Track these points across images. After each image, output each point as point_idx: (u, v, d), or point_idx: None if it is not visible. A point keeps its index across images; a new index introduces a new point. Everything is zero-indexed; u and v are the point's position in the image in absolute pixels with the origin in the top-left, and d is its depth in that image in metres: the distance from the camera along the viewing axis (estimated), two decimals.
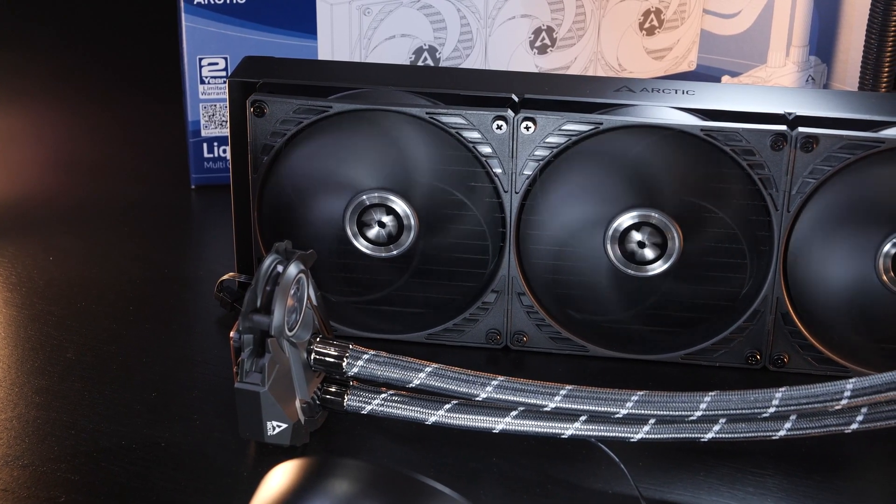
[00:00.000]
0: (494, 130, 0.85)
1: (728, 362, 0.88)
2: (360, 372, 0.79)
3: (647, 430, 0.77)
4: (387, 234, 0.88)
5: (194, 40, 1.06)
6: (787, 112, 0.85)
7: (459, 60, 1.09)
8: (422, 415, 0.79)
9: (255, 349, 0.76)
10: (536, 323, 0.89)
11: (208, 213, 1.08)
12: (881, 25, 1.06)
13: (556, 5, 1.10)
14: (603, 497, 0.77)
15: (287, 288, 0.76)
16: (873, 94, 0.96)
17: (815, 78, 1.16)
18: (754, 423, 0.76)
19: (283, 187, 0.89)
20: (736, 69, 1.16)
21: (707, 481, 0.78)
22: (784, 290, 0.86)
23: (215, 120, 1.09)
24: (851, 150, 0.83)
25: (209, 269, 0.98)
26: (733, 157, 0.84)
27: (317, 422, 0.80)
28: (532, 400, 0.77)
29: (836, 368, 0.87)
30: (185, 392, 0.85)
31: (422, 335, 0.90)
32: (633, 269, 0.87)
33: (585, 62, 1.12)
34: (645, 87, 0.88)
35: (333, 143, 0.88)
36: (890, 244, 0.84)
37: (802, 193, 0.84)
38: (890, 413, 0.76)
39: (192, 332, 0.93)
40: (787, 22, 1.14)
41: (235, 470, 0.78)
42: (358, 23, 1.07)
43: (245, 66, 0.91)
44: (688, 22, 1.14)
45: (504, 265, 0.88)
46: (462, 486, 0.77)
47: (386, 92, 0.88)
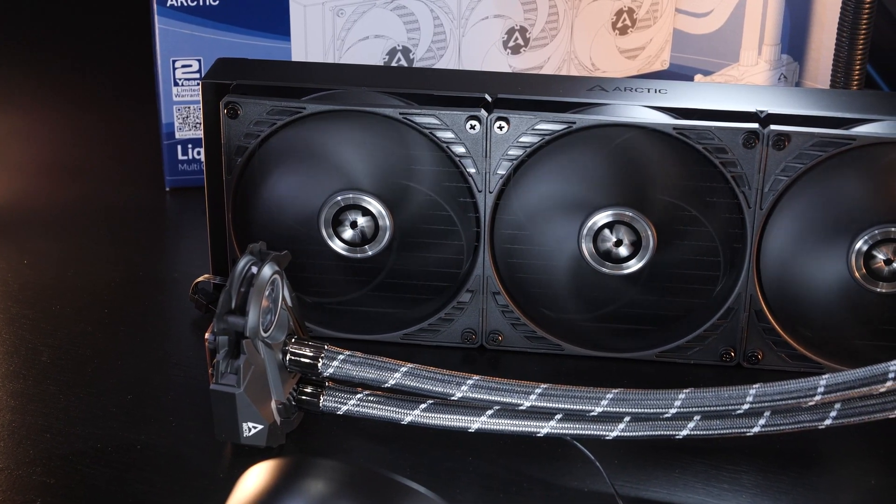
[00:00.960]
0: (468, 130, 0.85)
1: (702, 360, 0.89)
2: (335, 372, 0.79)
3: (622, 427, 0.77)
4: (361, 235, 0.88)
5: (167, 42, 1.06)
6: (759, 110, 0.85)
7: (433, 61, 1.10)
8: (397, 415, 0.79)
9: (230, 351, 0.76)
10: (511, 322, 0.89)
11: (183, 215, 1.08)
12: (852, 23, 1.06)
13: (529, 5, 1.10)
14: (579, 495, 0.77)
15: (262, 289, 0.76)
16: (845, 92, 0.96)
17: (788, 76, 1.16)
18: (729, 420, 0.77)
19: (257, 188, 0.89)
20: (709, 68, 1.16)
21: (682, 478, 0.79)
22: (757, 288, 0.87)
23: (189, 122, 1.08)
24: (823, 147, 0.83)
25: (184, 271, 0.98)
26: (706, 156, 0.84)
27: (293, 423, 0.80)
28: (507, 399, 0.77)
29: (810, 365, 0.87)
30: (161, 394, 0.85)
31: (397, 335, 0.90)
32: (607, 267, 0.87)
33: (559, 62, 1.12)
34: (618, 86, 0.89)
35: (308, 145, 0.88)
36: (862, 241, 0.85)
37: (775, 191, 0.84)
38: (863, 409, 0.76)
39: (168, 334, 0.93)
40: (759, 20, 1.14)
41: (211, 472, 0.78)
42: (331, 24, 1.07)
43: (218, 67, 0.91)
44: (660, 21, 1.14)
45: (479, 265, 0.88)
46: (438, 486, 0.77)
47: (359, 92, 0.88)
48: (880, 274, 0.85)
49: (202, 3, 1.05)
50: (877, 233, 0.84)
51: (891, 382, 0.74)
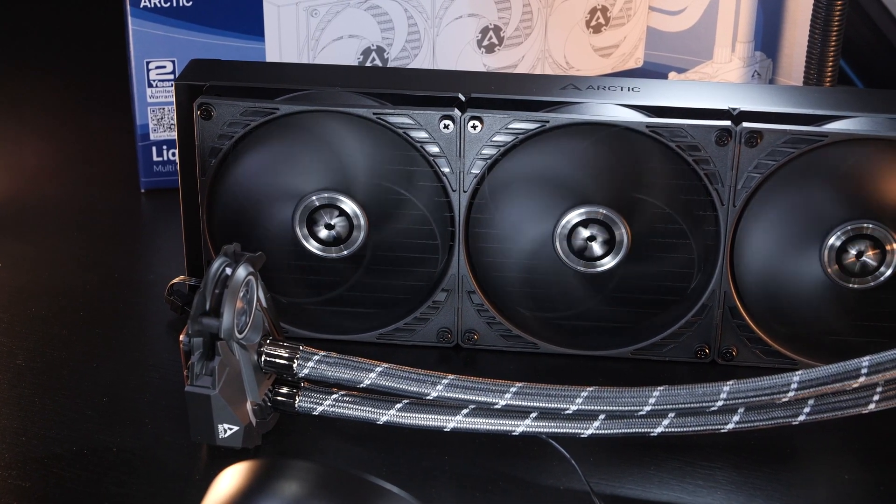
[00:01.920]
0: (442, 130, 0.86)
1: (678, 357, 0.89)
2: (310, 373, 0.79)
3: (597, 425, 0.77)
4: (337, 235, 0.88)
5: (141, 44, 1.06)
6: (732, 107, 0.86)
7: (407, 60, 1.10)
8: (373, 415, 0.79)
9: (204, 352, 0.76)
10: (487, 321, 0.89)
11: (158, 217, 1.08)
12: (825, 20, 1.07)
13: (503, 4, 1.10)
14: (554, 493, 0.77)
15: (236, 290, 0.76)
16: (817, 89, 0.97)
17: (761, 73, 1.17)
18: (703, 417, 0.77)
19: (231, 190, 0.89)
20: (683, 65, 1.16)
21: (657, 475, 0.79)
22: (731, 285, 0.87)
23: (164, 123, 1.08)
24: (795, 144, 0.84)
25: (159, 273, 0.98)
26: (679, 153, 0.85)
27: (268, 424, 0.80)
28: (482, 398, 0.77)
29: (785, 361, 0.88)
30: (137, 396, 0.85)
31: (373, 335, 0.90)
32: (581, 265, 0.87)
33: (533, 60, 1.13)
34: (591, 84, 0.89)
35: (282, 145, 0.88)
36: (834, 237, 0.85)
37: (748, 188, 0.85)
38: (837, 404, 0.77)
39: (143, 336, 0.92)
40: (732, 18, 1.15)
41: (187, 474, 0.78)
42: (305, 24, 1.07)
43: (192, 68, 0.91)
44: (634, 19, 1.15)
45: (454, 264, 0.88)
46: (414, 485, 0.77)
47: (333, 93, 0.88)
48: (853, 270, 0.85)
49: (176, 4, 1.05)
50: (849, 229, 0.85)
51: (863, 378, 0.75)
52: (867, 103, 0.87)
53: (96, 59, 1.34)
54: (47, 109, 1.25)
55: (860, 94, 1.02)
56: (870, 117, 0.85)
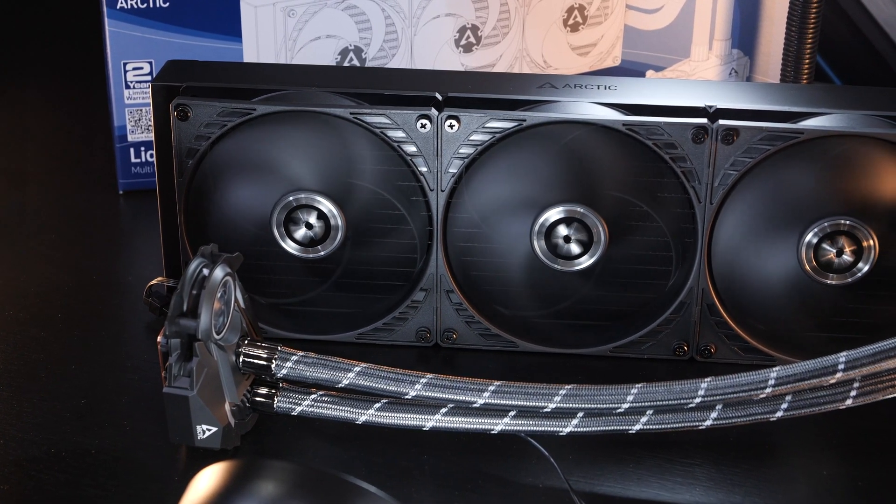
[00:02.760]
0: (419, 129, 0.86)
1: (656, 354, 0.89)
2: (289, 373, 0.79)
3: (575, 423, 0.77)
4: (314, 236, 0.88)
5: (118, 45, 1.05)
6: (708, 105, 0.86)
7: (385, 60, 1.10)
8: (352, 414, 0.79)
9: (182, 353, 0.76)
10: (466, 320, 0.89)
11: (137, 218, 1.08)
12: (801, 17, 1.07)
13: (480, 4, 1.10)
14: (534, 491, 0.77)
15: (213, 291, 0.76)
16: (793, 86, 0.97)
17: (738, 71, 1.17)
18: (681, 414, 0.77)
19: (209, 190, 0.89)
20: (660, 64, 1.16)
21: (636, 472, 0.79)
22: (709, 282, 0.87)
23: (141, 125, 1.08)
24: (771, 141, 0.84)
25: (138, 275, 0.98)
26: (656, 151, 0.85)
27: (247, 424, 0.80)
28: (461, 397, 0.77)
29: (763, 357, 0.88)
30: (115, 398, 0.85)
31: (352, 335, 0.90)
32: (560, 263, 0.88)
33: (511, 60, 1.13)
34: (568, 83, 0.89)
35: (259, 146, 0.88)
36: (812, 234, 0.85)
37: (725, 185, 0.85)
38: (814, 400, 0.77)
39: (122, 337, 0.92)
40: (709, 16, 1.15)
41: (166, 475, 0.78)
42: (283, 24, 1.07)
43: (168, 69, 0.91)
44: (611, 18, 1.15)
45: (432, 263, 0.89)
46: (394, 485, 0.77)
47: (310, 93, 0.88)
48: (830, 266, 0.85)
49: (152, 5, 1.05)
50: (826, 225, 0.85)
51: (840, 374, 0.75)
52: (843, 100, 0.88)
53: (74, 60, 1.33)
54: (24, 111, 1.25)
55: (836, 90, 1.02)
56: (846, 114, 0.86)
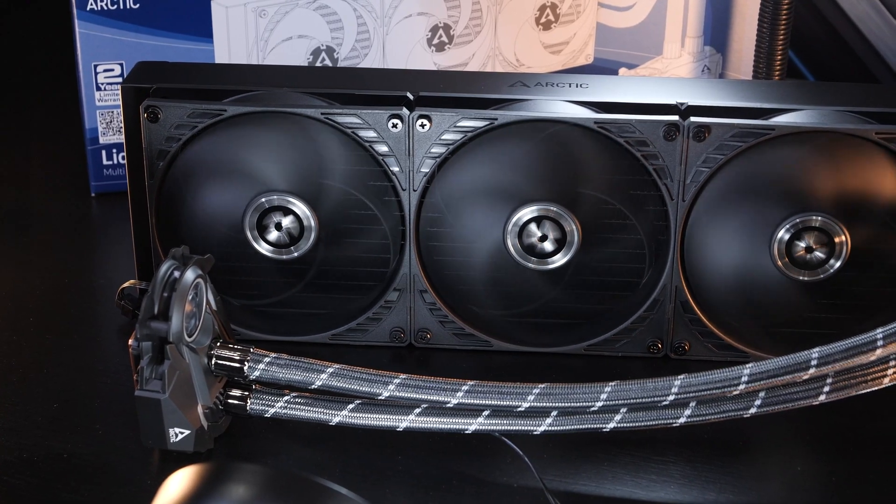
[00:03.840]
0: (390, 129, 0.85)
1: (630, 352, 0.89)
2: (261, 375, 0.79)
3: (549, 422, 0.77)
4: (287, 237, 0.88)
5: (89, 47, 1.05)
6: (680, 102, 0.86)
7: (357, 60, 1.09)
8: (325, 416, 0.79)
9: (154, 356, 0.76)
10: (439, 320, 0.89)
11: (109, 221, 1.07)
12: (773, 14, 1.07)
13: (452, 3, 1.10)
14: (508, 491, 0.77)
15: (184, 293, 0.76)
16: (764, 82, 0.97)
17: (711, 68, 1.17)
18: (655, 412, 0.77)
19: (180, 192, 0.88)
20: (633, 61, 1.17)
21: (611, 471, 0.79)
22: (682, 279, 0.87)
23: (113, 127, 1.08)
24: (743, 138, 0.84)
25: (110, 277, 0.97)
26: (628, 149, 0.85)
27: (220, 427, 0.80)
28: (434, 397, 0.77)
29: (737, 354, 0.88)
30: (87, 402, 0.84)
31: (325, 336, 0.90)
32: (533, 262, 0.87)
33: (483, 58, 1.13)
34: (539, 81, 0.89)
35: (230, 147, 0.87)
36: (784, 230, 0.85)
37: (697, 182, 0.85)
38: (787, 396, 0.77)
39: (94, 341, 0.92)
40: (681, 13, 1.15)
41: (139, 479, 0.78)
42: (254, 25, 1.06)
43: (138, 71, 0.90)
44: (583, 16, 1.15)
45: (405, 263, 0.88)
46: (368, 486, 0.77)
47: (281, 93, 0.87)
48: (802, 262, 0.86)
49: (123, 7, 1.04)
50: (798, 221, 0.85)
51: (813, 370, 0.75)
52: (815, 96, 0.88)
53: (45, 62, 1.33)
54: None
55: (808, 87, 1.02)
56: (817, 110, 0.86)
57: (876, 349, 0.75)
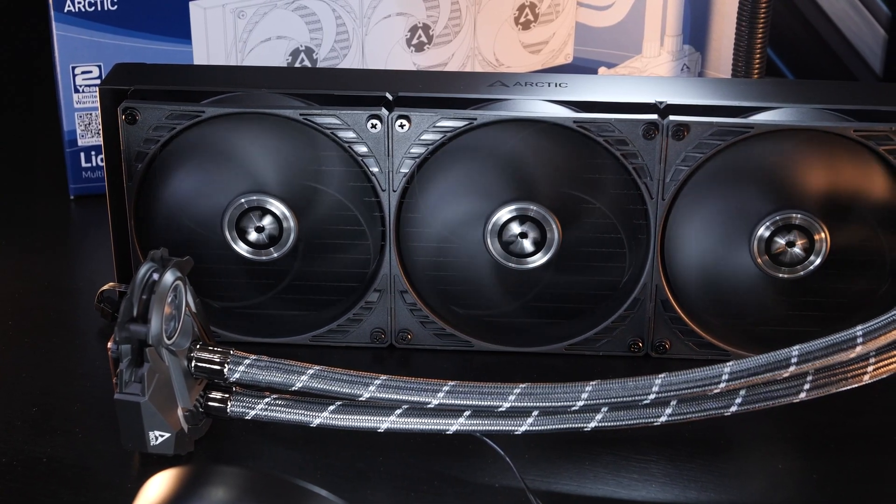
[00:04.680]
0: (369, 129, 0.85)
1: (611, 351, 0.89)
2: (241, 377, 0.78)
3: (530, 422, 0.77)
4: (266, 238, 0.88)
5: (66, 49, 1.04)
6: (659, 101, 0.86)
7: (337, 61, 1.09)
8: (306, 417, 0.79)
9: (133, 359, 0.75)
10: (420, 320, 0.89)
11: (88, 223, 1.07)
12: (751, 12, 1.07)
13: (431, 3, 1.10)
14: (490, 491, 0.77)
15: (163, 296, 0.76)
16: (743, 81, 0.97)
17: (690, 66, 1.17)
18: (636, 411, 0.77)
19: (159, 194, 0.88)
20: (612, 60, 1.17)
21: (592, 470, 0.79)
22: (663, 278, 0.87)
23: (91, 129, 1.07)
24: (722, 136, 0.84)
25: (89, 280, 0.97)
26: (607, 148, 0.85)
27: (201, 429, 0.80)
28: (415, 397, 0.77)
29: (717, 352, 0.88)
30: (67, 405, 0.84)
31: (306, 337, 0.90)
32: (513, 262, 0.87)
33: (463, 58, 1.12)
34: (518, 81, 0.89)
35: (209, 148, 0.87)
36: (763, 227, 0.85)
37: (676, 181, 0.85)
38: (768, 394, 0.77)
39: (73, 344, 0.91)
40: (660, 12, 1.15)
41: (119, 482, 0.77)
42: (233, 26, 1.06)
43: (116, 73, 0.90)
44: (562, 15, 1.15)
45: (385, 264, 0.88)
46: (349, 487, 0.77)
47: (259, 94, 0.87)
48: (782, 260, 0.86)
49: (100, 8, 1.04)
50: (778, 219, 0.85)
51: (794, 367, 0.75)
52: (793, 94, 0.88)
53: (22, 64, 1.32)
54: None
55: (787, 84, 1.02)
56: (796, 108, 0.86)
57: (856, 346, 0.75)
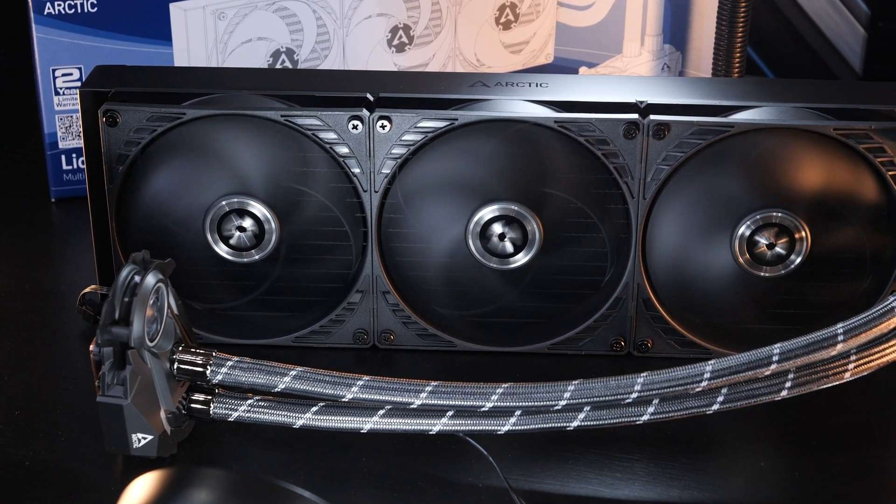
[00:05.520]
0: (350, 130, 0.85)
1: (594, 350, 0.89)
2: (224, 379, 0.78)
3: (513, 421, 0.77)
4: (248, 239, 0.88)
5: (47, 51, 1.04)
6: (640, 101, 0.86)
7: (318, 62, 1.09)
8: (289, 419, 0.79)
9: (115, 362, 0.75)
10: (402, 321, 0.89)
11: (70, 226, 1.07)
12: (731, 11, 1.08)
13: (412, 3, 1.10)
14: (473, 491, 0.77)
15: (145, 298, 0.76)
16: (723, 80, 0.97)
17: (671, 66, 1.18)
18: (618, 409, 0.77)
19: (141, 196, 0.88)
20: (593, 60, 1.17)
21: (575, 469, 0.79)
22: (644, 277, 0.87)
23: (72, 131, 1.07)
24: (702, 135, 0.84)
25: (71, 283, 0.97)
26: (588, 148, 0.85)
27: (184, 431, 0.80)
28: (398, 398, 0.77)
29: (699, 351, 0.88)
30: (50, 408, 0.84)
31: (289, 339, 0.90)
32: (495, 262, 0.88)
33: (444, 59, 1.13)
34: (499, 81, 0.89)
35: (190, 150, 0.87)
36: (744, 226, 0.86)
37: (657, 180, 0.85)
38: (750, 392, 0.77)
39: (56, 347, 0.91)
40: (640, 12, 1.15)
41: (102, 485, 0.77)
42: (213, 27, 1.06)
43: (96, 75, 0.90)
44: (543, 15, 1.15)
45: (368, 265, 0.88)
46: (332, 488, 0.77)
47: (240, 96, 0.87)
48: (763, 258, 0.86)
49: (80, 11, 1.04)
50: (758, 218, 0.85)
51: (775, 365, 0.75)
52: (773, 93, 0.88)
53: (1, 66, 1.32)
54: None
55: (767, 83, 1.03)
56: (775, 106, 0.86)
57: (837, 344, 0.75)
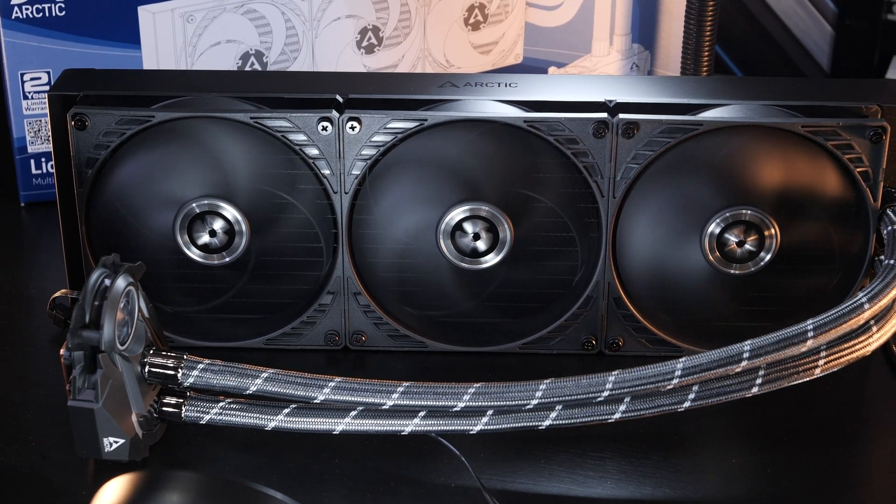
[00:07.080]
0: (320, 132, 0.85)
1: (565, 349, 0.89)
2: (195, 382, 0.78)
3: (485, 421, 0.78)
4: (219, 242, 0.87)
5: (14, 55, 1.04)
6: (608, 100, 0.86)
7: (287, 64, 1.09)
8: (261, 421, 0.78)
9: (86, 365, 0.75)
10: (374, 322, 0.89)
11: (40, 230, 1.06)
12: (699, 11, 1.08)
13: (381, 5, 1.10)
14: (446, 491, 0.77)
15: (116, 302, 0.75)
16: (692, 78, 0.98)
17: (640, 65, 1.18)
18: (590, 408, 0.77)
19: (110, 200, 0.88)
20: (562, 60, 1.17)
21: (548, 468, 0.79)
22: (615, 275, 0.88)
23: (41, 135, 1.07)
24: (671, 134, 0.85)
25: (41, 287, 0.96)
26: (557, 147, 0.85)
27: (156, 435, 0.79)
28: (369, 399, 0.77)
29: (670, 349, 0.89)
30: (20, 413, 0.84)
31: (260, 341, 0.90)
32: (466, 262, 0.88)
33: (413, 60, 1.13)
34: (469, 81, 0.89)
35: (160, 153, 0.87)
36: (714, 224, 0.86)
37: (627, 179, 0.85)
38: (721, 389, 0.78)
39: (26, 351, 0.91)
40: (608, 11, 1.16)
41: (74, 489, 0.77)
42: (182, 30, 1.06)
43: (65, 79, 0.90)
44: (512, 15, 1.15)
45: (338, 266, 0.88)
46: (305, 490, 0.77)
47: (210, 98, 0.87)
48: (733, 256, 0.86)
49: (49, 14, 1.03)
50: (728, 215, 0.86)
51: (746, 363, 0.76)
52: (742, 91, 0.89)
53: None
54: None
55: (735, 81, 1.03)
56: (744, 104, 0.86)
57: (807, 341, 0.76)
